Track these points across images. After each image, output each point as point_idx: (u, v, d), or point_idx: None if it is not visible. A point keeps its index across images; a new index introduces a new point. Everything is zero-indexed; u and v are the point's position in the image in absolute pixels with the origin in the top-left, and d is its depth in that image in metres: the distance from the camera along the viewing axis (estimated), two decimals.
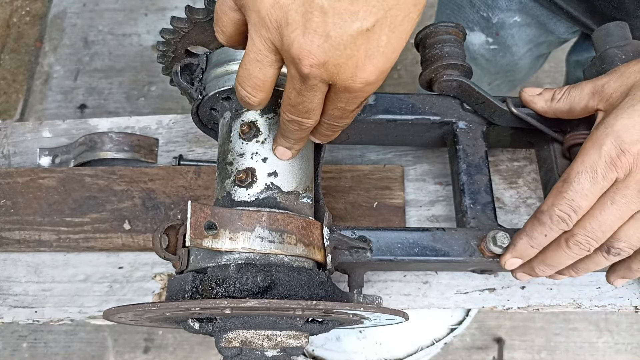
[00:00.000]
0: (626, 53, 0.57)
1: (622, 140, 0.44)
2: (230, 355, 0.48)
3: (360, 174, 0.70)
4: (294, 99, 0.43)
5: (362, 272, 0.59)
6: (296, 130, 0.47)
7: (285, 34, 0.37)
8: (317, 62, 0.37)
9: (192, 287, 0.47)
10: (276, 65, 0.41)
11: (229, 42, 0.44)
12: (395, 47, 0.39)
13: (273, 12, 0.36)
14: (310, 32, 0.36)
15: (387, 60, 0.39)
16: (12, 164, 0.75)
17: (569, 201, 0.46)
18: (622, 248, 0.47)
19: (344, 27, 0.36)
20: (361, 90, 0.41)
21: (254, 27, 0.39)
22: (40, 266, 0.69)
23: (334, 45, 0.37)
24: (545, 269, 0.51)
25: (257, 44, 0.39)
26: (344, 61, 0.38)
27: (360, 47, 0.37)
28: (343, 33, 0.36)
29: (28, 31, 1.75)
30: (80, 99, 1.63)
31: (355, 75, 0.39)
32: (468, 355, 1.39)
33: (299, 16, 0.36)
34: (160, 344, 1.42)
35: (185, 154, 0.74)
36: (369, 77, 0.39)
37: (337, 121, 0.46)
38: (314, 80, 0.39)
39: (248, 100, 0.44)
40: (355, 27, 0.36)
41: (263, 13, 0.37)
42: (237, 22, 0.42)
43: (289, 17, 0.36)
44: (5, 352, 1.40)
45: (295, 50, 0.37)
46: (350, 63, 0.38)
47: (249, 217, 0.48)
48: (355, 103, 0.43)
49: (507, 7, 0.86)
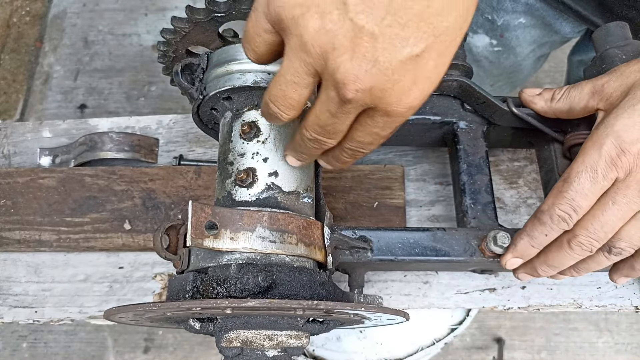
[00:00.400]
0: (626, 53, 0.57)
1: (622, 140, 0.44)
2: (231, 355, 0.48)
3: (360, 174, 0.70)
4: (324, 120, 0.42)
5: (363, 272, 0.59)
6: (315, 148, 0.46)
7: (331, 58, 0.36)
8: (363, 87, 0.37)
9: (193, 287, 0.47)
10: (312, 87, 0.40)
11: (259, 60, 0.43)
12: (440, 71, 0.39)
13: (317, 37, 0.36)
14: (359, 57, 0.36)
15: (432, 85, 0.39)
16: (12, 164, 0.75)
17: (570, 201, 0.46)
18: (624, 248, 0.47)
19: (393, 52, 0.36)
20: (402, 115, 0.40)
21: (294, 51, 0.38)
22: (40, 266, 0.69)
23: (381, 70, 0.36)
24: (548, 269, 0.51)
25: (295, 66, 0.39)
26: (390, 86, 0.37)
27: (407, 73, 0.37)
28: (392, 58, 0.36)
29: (28, 31, 1.74)
30: (80, 99, 1.63)
31: (400, 100, 0.38)
32: (468, 355, 1.39)
33: (347, 41, 0.35)
34: (160, 344, 1.42)
35: (186, 154, 0.74)
36: (412, 102, 0.39)
37: (364, 147, 0.45)
38: (355, 104, 0.39)
39: (278, 117, 0.43)
40: (405, 53, 0.36)
41: (306, 38, 0.36)
42: (272, 44, 0.41)
43: (335, 42, 0.36)
44: (5, 352, 1.40)
45: (341, 75, 0.37)
46: (396, 88, 0.37)
47: (249, 217, 0.48)
48: (391, 128, 0.42)
49: (512, 9, 0.86)
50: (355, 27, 0.35)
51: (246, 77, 0.54)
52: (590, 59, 0.61)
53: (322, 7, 0.35)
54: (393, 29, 0.35)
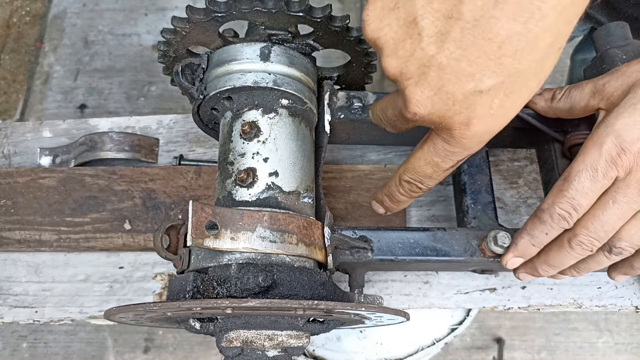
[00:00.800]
0: (627, 53, 0.57)
1: (622, 139, 0.44)
2: (232, 355, 0.48)
3: (360, 174, 0.70)
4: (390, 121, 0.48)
5: (363, 272, 0.59)
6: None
7: (400, 81, 0.39)
8: (423, 112, 0.39)
9: (193, 287, 0.47)
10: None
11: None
12: (507, 111, 0.39)
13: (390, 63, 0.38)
14: (423, 84, 0.38)
15: (496, 123, 0.40)
16: (12, 164, 0.75)
17: (570, 199, 0.46)
18: (624, 247, 0.47)
19: (458, 84, 0.37)
20: (461, 146, 0.42)
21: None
22: (40, 266, 0.69)
23: (443, 99, 0.38)
24: (548, 269, 0.51)
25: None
26: (450, 115, 0.39)
27: (470, 106, 0.38)
28: (456, 90, 0.37)
29: (28, 31, 1.74)
30: (80, 99, 1.63)
31: (459, 130, 0.40)
32: (468, 355, 1.39)
33: (414, 68, 0.38)
34: (160, 344, 1.41)
35: (186, 153, 0.74)
36: (473, 135, 0.40)
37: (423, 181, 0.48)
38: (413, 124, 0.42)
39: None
40: (469, 87, 0.37)
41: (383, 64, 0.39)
42: None
43: (403, 68, 0.38)
44: (5, 352, 1.40)
45: (405, 96, 0.39)
46: (456, 118, 0.39)
47: (250, 217, 0.48)
48: (452, 160, 0.44)
49: None
50: (425, 56, 0.37)
51: (246, 77, 0.54)
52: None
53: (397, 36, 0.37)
54: (461, 63, 0.36)
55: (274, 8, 0.51)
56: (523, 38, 0.35)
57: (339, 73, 0.63)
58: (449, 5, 0.35)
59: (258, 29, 0.55)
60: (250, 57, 0.55)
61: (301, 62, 0.57)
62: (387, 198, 0.53)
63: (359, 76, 0.64)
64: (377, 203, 0.55)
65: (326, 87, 0.61)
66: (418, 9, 0.36)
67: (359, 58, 0.60)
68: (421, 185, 0.49)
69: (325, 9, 0.53)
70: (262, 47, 0.55)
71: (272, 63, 0.55)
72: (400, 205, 0.54)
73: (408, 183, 0.49)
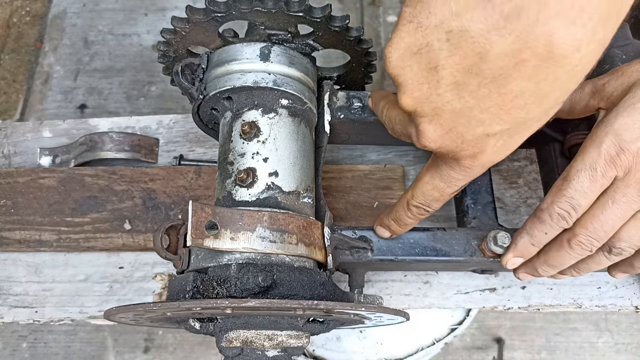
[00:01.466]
0: (626, 53, 0.57)
1: (621, 138, 0.44)
2: (231, 355, 0.48)
3: (360, 174, 0.70)
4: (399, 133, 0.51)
5: (363, 272, 0.59)
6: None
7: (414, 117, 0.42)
8: (432, 145, 0.42)
9: (193, 287, 0.47)
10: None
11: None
12: (509, 148, 0.43)
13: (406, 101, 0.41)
14: (436, 123, 0.41)
15: (499, 157, 0.43)
16: (12, 164, 0.75)
17: (569, 199, 0.46)
18: (624, 248, 0.47)
19: (468, 128, 0.40)
20: (465, 174, 0.45)
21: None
22: (40, 266, 0.69)
23: (453, 138, 0.41)
24: (548, 269, 0.51)
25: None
26: (457, 151, 0.42)
27: (476, 145, 0.41)
28: (466, 133, 0.40)
29: (28, 31, 1.74)
30: (80, 99, 1.63)
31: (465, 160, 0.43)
32: (468, 355, 1.39)
33: (429, 109, 0.40)
34: (160, 344, 1.41)
35: (186, 153, 0.74)
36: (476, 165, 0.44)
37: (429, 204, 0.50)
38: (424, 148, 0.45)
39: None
40: (478, 131, 0.40)
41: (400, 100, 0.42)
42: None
43: (418, 107, 0.41)
44: (5, 352, 1.40)
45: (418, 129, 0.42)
46: (462, 154, 0.43)
47: (250, 217, 0.48)
48: (456, 186, 0.47)
49: None
50: (440, 101, 0.39)
51: (246, 77, 0.54)
52: None
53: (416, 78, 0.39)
54: (473, 110, 0.39)
55: (273, 8, 0.51)
56: (534, 95, 0.37)
57: (338, 73, 0.63)
58: (471, 62, 0.36)
59: (258, 29, 0.55)
60: (250, 57, 0.55)
61: (301, 62, 0.57)
62: (395, 223, 0.54)
63: (358, 76, 0.64)
64: (382, 228, 0.56)
65: (326, 87, 0.61)
66: (440, 59, 0.37)
67: (358, 58, 0.60)
68: (428, 208, 0.51)
69: (325, 9, 0.53)
70: (262, 47, 0.55)
71: (272, 63, 0.55)
72: (406, 228, 0.55)
73: (416, 207, 0.51)
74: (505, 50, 0.35)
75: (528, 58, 0.35)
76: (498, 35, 0.34)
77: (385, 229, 0.56)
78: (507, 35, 0.34)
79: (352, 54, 0.60)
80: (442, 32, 0.36)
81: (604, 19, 0.34)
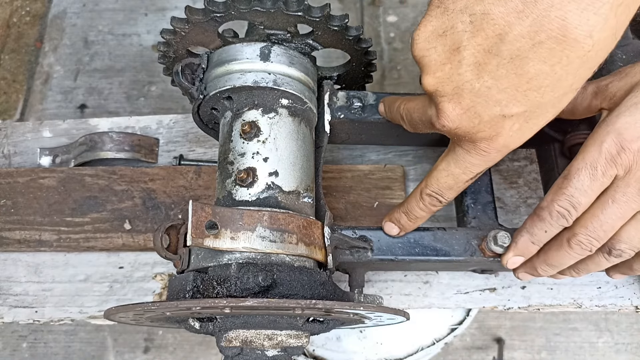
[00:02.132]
0: (627, 53, 0.57)
1: (622, 137, 0.44)
2: (231, 355, 0.48)
3: (360, 174, 0.70)
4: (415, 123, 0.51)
5: (363, 272, 0.59)
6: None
7: (434, 97, 0.44)
8: (451, 125, 0.44)
9: (193, 287, 0.47)
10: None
11: None
12: (524, 133, 0.44)
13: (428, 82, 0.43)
14: (456, 103, 0.42)
15: (514, 142, 0.45)
16: (12, 164, 0.75)
17: (569, 197, 0.46)
18: (623, 249, 0.47)
19: (486, 107, 0.42)
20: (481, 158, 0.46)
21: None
22: (40, 266, 0.69)
23: (471, 117, 0.43)
24: (547, 268, 0.51)
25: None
26: (474, 132, 0.44)
27: (493, 127, 0.43)
28: (483, 112, 0.42)
29: (28, 31, 1.74)
30: (80, 99, 1.63)
31: (481, 143, 0.45)
32: (468, 355, 1.39)
33: (449, 88, 0.42)
34: (160, 344, 1.41)
35: (186, 153, 0.74)
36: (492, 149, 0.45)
37: (444, 193, 0.51)
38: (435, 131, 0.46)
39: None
40: (495, 111, 0.42)
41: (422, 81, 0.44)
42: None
43: (439, 87, 0.43)
44: (5, 352, 1.40)
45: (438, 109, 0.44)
46: (479, 135, 0.44)
47: (250, 217, 0.48)
48: (472, 172, 0.48)
49: None
50: (461, 80, 0.41)
51: (246, 77, 0.54)
52: None
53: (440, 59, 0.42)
54: (492, 90, 0.41)
55: (272, 8, 0.51)
56: (549, 77, 0.39)
57: (339, 72, 0.63)
58: (491, 43, 0.39)
59: (257, 29, 0.55)
60: (250, 57, 0.55)
61: (301, 61, 0.57)
62: (405, 215, 0.54)
63: (359, 75, 0.64)
64: (391, 223, 0.56)
65: (326, 87, 0.61)
66: (463, 40, 0.40)
67: (358, 57, 0.60)
68: (441, 198, 0.52)
69: (324, 8, 0.53)
70: (262, 47, 0.55)
71: (272, 63, 0.55)
72: (416, 222, 0.55)
73: (429, 196, 0.52)
74: (523, 32, 0.37)
75: (543, 40, 0.37)
76: (517, 17, 0.37)
77: (394, 224, 0.56)
78: (525, 18, 0.37)
79: (351, 54, 0.60)
80: (466, 15, 0.39)
81: (616, 8, 0.35)
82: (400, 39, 1.63)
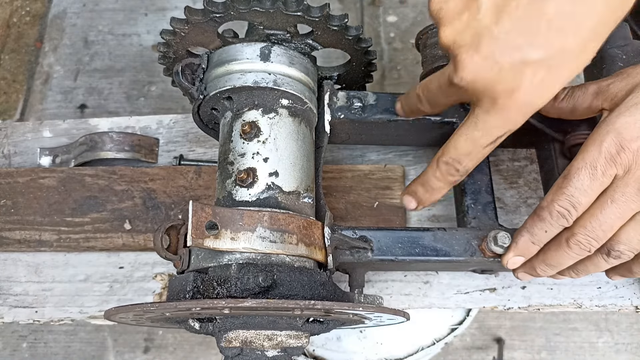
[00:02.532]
0: (626, 53, 0.57)
1: (622, 137, 0.44)
2: (231, 355, 0.48)
3: (360, 174, 0.70)
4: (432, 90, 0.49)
5: (363, 272, 0.59)
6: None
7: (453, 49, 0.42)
8: (470, 76, 0.42)
9: (193, 287, 0.47)
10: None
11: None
12: (548, 86, 0.42)
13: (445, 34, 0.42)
14: (474, 51, 0.41)
15: (537, 97, 0.42)
16: (12, 164, 0.75)
17: (569, 197, 0.46)
18: (623, 251, 0.47)
19: (506, 54, 0.40)
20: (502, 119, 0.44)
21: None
22: (40, 266, 0.69)
23: (491, 65, 0.41)
24: (546, 268, 0.51)
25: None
26: (494, 83, 0.41)
27: (514, 76, 0.41)
28: (503, 59, 0.40)
29: (28, 31, 1.75)
30: (80, 98, 1.63)
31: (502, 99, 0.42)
32: (468, 355, 1.39)
33: (468, 37, 0.41)
34: (160, 344, 1.41)
35: (186, 153, 0.74)
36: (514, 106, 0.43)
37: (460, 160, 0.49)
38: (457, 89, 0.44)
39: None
40: (516, 57, 0.40)
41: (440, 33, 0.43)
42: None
43: (457, 37, 0.41)
44: (5, 352, 1.40)
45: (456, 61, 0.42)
46: (500, 87, 0.42)
47: (250, 217, 0.48)
48: (492, 136, 0.46)
49: None
50: (479, 26, 0.40)
51: (246, 77, 0.54)
52: None
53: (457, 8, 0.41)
54: (511, 34, 0.39)
55: (271, 8, 0.51)
56: (570, 17, 0.38)
57: (339, 72, 0.63)
58: None
59: (257, 29, 0.55)
60: (250, 57, 0.55)
61: (301, 61, 0.57)
62: (422, 187, 0.53)
63: (359, 75, 0.64)
64: (409, 196, 0.54)
65: (326, 87, 0.61)
66: None
67: (358, 57, 0.60)
68: (459, 165, 0.49)
69: (323, 8, 0.53)
70: (262, 47, 0.55)
71: (272, 63, 0.55)
72: (433, 195, 0.53)
73: (446, 164, 0.50)
74: None
75: None
76: None
77: (412, 197, 0.54)
78: None
79: (351, 53, 0.60)
80: None
81: None
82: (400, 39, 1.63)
